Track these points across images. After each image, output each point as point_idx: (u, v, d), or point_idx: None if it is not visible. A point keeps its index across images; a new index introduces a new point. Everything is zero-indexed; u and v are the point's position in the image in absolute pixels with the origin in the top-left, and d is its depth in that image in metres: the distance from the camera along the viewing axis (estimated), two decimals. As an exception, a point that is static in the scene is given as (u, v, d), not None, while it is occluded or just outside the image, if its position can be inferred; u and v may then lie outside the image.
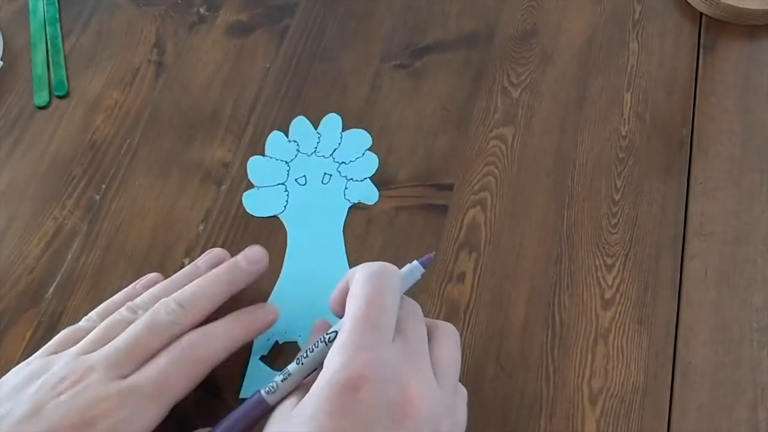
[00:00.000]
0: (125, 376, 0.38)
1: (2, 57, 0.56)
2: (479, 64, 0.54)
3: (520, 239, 0.47)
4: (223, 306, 0.42)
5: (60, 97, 0.54)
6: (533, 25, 0.55)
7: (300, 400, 0.35)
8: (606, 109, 0.51)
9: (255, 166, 0.51)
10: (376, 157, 0.50)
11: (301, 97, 0.53)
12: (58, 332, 0.45)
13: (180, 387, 0.39)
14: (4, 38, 0.57)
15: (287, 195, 0.49)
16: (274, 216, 0.48)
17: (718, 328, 0.44)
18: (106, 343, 0.39)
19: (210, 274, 0.42)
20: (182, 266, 0.47)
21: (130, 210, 0.49)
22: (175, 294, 0.41)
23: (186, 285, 0.42)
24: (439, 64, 0.54)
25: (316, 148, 0.51)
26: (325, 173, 0.50)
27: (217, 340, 0.40)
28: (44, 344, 0.44)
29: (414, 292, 0.44)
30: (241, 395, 0.42)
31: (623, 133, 0.50)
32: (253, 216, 0.49)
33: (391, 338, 0.36)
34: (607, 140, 0.50)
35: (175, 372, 0.38)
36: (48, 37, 0.57)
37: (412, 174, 0.50)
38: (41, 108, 0.54)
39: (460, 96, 0.53)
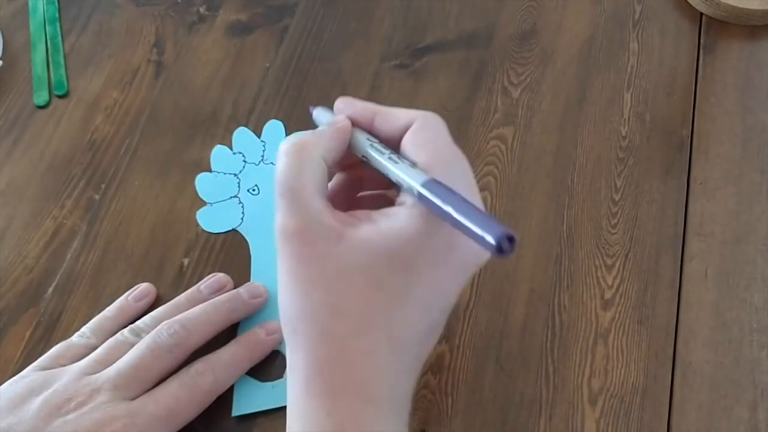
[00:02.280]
0: (132, 398, 0.39)
1: (2, 56, 0.56)
2: (479, 64, 0.54)
3: (519, 239, 0.47)
4: None
5: (59, 97, 0.54)
6: (533, 25, 0.55)
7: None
8: (606, 110, 0.51)
9: (203, 183, 0.50)
10: None
11: (301, 96, 0.53)
12: (57, 331, 0.45)
13: (188, 413, 0.40)
14: (3, 37, 0.56)
15: (242, 207, 0.49)
16: (233, 230, 0.48)
17: (717, 328, 0.44)
18: (109, 364, 0.40)
19: (214, 300, 0.43)
20: (181, 266, 0.47)
21: (129, 210, 0.49)
22: (179, 316, 0.42)
23: (188, 308, 0.42)
24: (439, 64, 0.54)
25: (262, 156, 0.51)
26: None
27: (224, 368, 0.41)
28: (44, 344, 0.45)
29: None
30: (234, 413, 0.42)
31: (623, 134, 0.50)
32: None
33: None
34: (607, 140, 0.50)
35: (184, 398, 0.39)
36: (48, 36, 0.57)
37: (412, 174, 0.50)
38: (41, 107, 0.54)
39: (460, 96, 0.53)
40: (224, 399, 0.42)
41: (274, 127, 0.52)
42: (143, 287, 0.45)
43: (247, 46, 0.56)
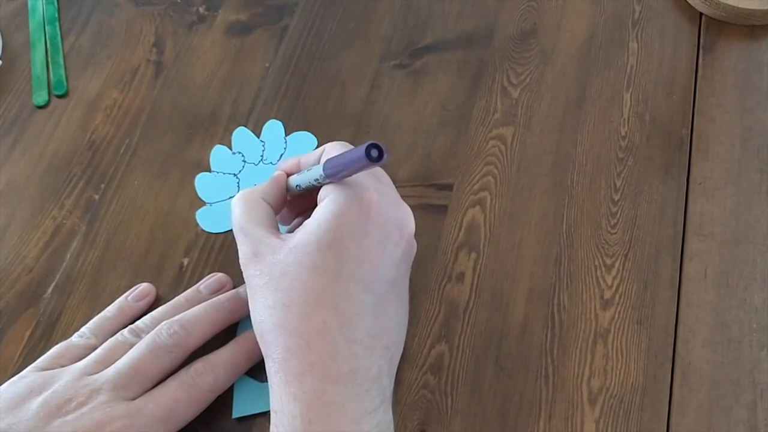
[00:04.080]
0: (131, 398, 0.39)
1: (1, 56, 0.56)
2: (479, 64, 0.54)
3: (519, 239, 0.47)
4: None
5: (59, 97, 0.54)
6: (533, 25, 0.55)
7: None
8: (605, 109, 0.51)
9: (203, 183, 0.50)
10: None
11: (301, 96, 0.53)
12: (56, 331, 0.45)
13: (188, 413, 0.40)
14: (3, 37, 0.56)
15: None
16: (232, 230, 0.48)
17: (717, 328, 0.44)
18: (109, 365, 0.40)
19: (214, 300, 0.43)
20: (181, 266, 0.47)
21: (129, 209, 0.49)
22: (178, 316, 0.42)
23: (187, 308, 0.42)
24: (439, 63, 0.54)
25: (262, 156, 0.51)
26: None
27: (223, 368, 0.41)
28: (43, 344, 0.45)
29: (413, 291, 0.44)
30: (234, 415, 0.42)
31: (623, 133, 0.50)
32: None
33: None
34: (606, 140, 0.50)
35: (184, 398, 0.39)
36: (47, 36, 0.57)
37: (412, 174, 0.50)
38: (40, 107, 0.54)
39: (460, 96, 0.53)
40: (224, 399, 0.42)
41: (273, 127, 0.52)
42: (143, 287, 0.45)
43: (247, 46, 0.56)
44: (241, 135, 0.52)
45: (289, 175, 0.44)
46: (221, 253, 0.47)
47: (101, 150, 0.52)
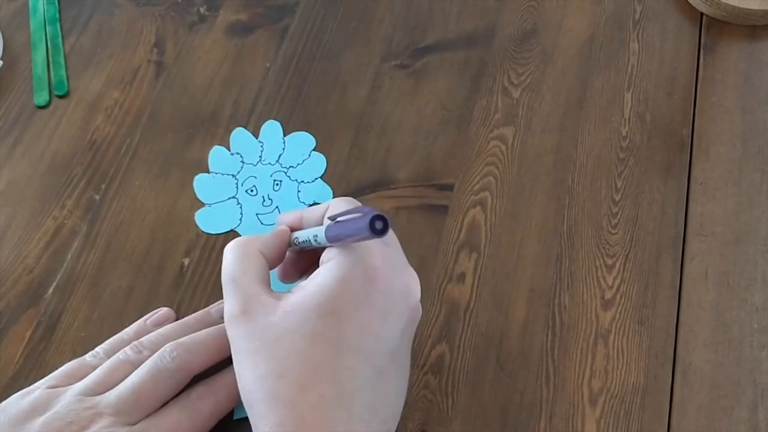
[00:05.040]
0: (133, 423, 0.38)
1: (2, 56, 0.56)
2: (479, 64, 0.54)
3: (520, 239, 0.47)
4: None
5: (60, 97, 0.54)
6: (533, 25, 0.55)
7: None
8: (606, 110, 0.51)
9: (201, 184, 0.50)
10: (323, 156, 0.50)
11: (301, 96, 0.53)
12: (57, 332, 0.45)
13: None
14: (4, 37, 0.56)
15: (240, 208, 0.49)
16: (231, 231, 0.48)
17: (718, 328, 0.44)
18: (111, 385, 0.39)
19: (222, 326, 0.41)
20: (182, 266, 0.47)
21: (129, 209, 0.49)
22: (184, 338, 0.40)
23: (196, 329, 0.41)
24: (439, 64, 0.54)
25: (260, 156, 0.51)
26: (274, 180, 0.50)
27: (225, 391, 0.40)
28: (44, 344, 0.45)
29: (414, 292, 0.44)
30: (236, 416, 0.42)
31: (623, 134, 0.50)
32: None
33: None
34: (607, 140, 0.50)
35: (186, 423, 0.39)
36: (48, 36, 0.57)
37: (412, 174, 0.50)
38: (41, 107, 0.54)
39: (461, 96, 0.53)
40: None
41: (271, 127, 0.52)
42: (163, 312, 0.44)
43: (248, 46, 0.56)
44: (240, 136, 0.52)
45: (292, 230, 0.42)
46: (222, 253, 0.47)
47: (102, 150, 0.52)
